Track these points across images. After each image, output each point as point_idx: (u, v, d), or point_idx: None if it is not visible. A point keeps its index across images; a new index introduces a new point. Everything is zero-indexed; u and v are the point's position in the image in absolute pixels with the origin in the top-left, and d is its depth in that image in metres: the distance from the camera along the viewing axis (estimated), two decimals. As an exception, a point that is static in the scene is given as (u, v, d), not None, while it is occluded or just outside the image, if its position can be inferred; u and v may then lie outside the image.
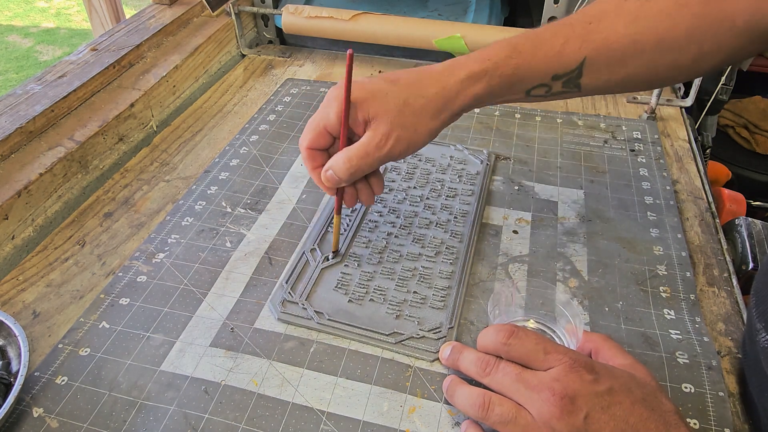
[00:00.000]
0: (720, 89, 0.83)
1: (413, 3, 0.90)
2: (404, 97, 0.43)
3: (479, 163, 0.62)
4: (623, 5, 0.43)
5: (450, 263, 0.50)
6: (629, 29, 0.42)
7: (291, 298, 0.47)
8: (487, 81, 0.43)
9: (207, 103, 0.76)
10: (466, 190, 0.58)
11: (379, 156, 0.44)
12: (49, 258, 0.53)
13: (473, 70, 0.43)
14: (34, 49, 2.93)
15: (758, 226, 0.56)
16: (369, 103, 0.43)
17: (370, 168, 0.45)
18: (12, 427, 0.39)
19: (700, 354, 0.43)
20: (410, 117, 0.43)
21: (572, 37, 0.43)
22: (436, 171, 0.61)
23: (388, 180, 0.60)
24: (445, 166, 0.62)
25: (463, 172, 0.61)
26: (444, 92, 0.43)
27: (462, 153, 0.64)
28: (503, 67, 0.43)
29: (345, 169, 0.44)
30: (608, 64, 0.43)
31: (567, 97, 0.46)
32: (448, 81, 0.44)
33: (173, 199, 0.59)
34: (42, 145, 0.58)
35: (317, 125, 0.46)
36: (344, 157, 0.44)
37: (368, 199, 0.49)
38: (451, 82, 0.43)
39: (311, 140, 0.46)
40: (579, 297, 0.47)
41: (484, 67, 0.43)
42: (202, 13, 0.84)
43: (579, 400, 0.32)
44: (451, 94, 0.43)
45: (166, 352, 0.43)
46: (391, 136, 0.43)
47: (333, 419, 0.39)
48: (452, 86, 0.43)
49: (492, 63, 0.43)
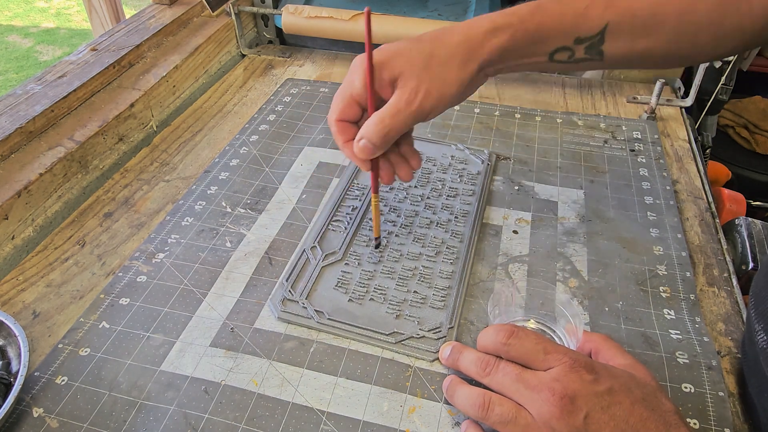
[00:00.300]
0: (720, 89, 0.83)
1: (413, 3, 0.90)
2: (429, 50, 0.42)
3: (480, 163, 0.62)
4: None
5: (450, 263, 0.50)
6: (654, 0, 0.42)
7: (291, 296, 0.47)
8: (511, 33, 0.43)
9: (207, 103, 0.76)
10: (467, 190, 0.58)
11: (411, 111, 0.42)
12: (49, 258, 0.53)
13: (497, 22, 0.43)
14: (34, 49, 2.93)
15: (758, 226, 0.56)
16: (393, 61, 0.42)
17: (404, 127, 0.43)
18: (12, 427, 0.39)
19: (700, 354, 0.43)
20: (437, 68, 0.42)
21: (596, 1, 0.43)
22: (437, 170, 0.61)
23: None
24: (446, 165, 0.62)
25: (464, 172, 0.61)
26: (469, 41, 0.43)
27: (463, 153, 0.64)
28: (527, 22, 0.43)
29: (377, 132, 0.42)
30: (630, 33, 0.43)
31: (589, 67, 0.46)
32: (472, 31, 0.43)
33: (173, 199, 0.59)
34: (42, 145, 0.58)
35: (344, 95, 0.44)
36: (375, 120, 0.42)
37: (406, 174, 0.48)
38: (475, 32, 0.43)
39: (340, 111, 0.44)
40: (579, 297, 0.47)
41: (509, 21, 0.43)
42: (202, 13, 0.84)
43: (579, 400, 0.32)
44: (476, 43, 0.43)
45: (166, 352, 0.43)
46: (420, 89, 0.42)
47: (333, 419, 0.39)
48: (476, 36, 0.43)
49: (516, 17, 0.43)
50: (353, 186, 0.59)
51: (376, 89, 0.43)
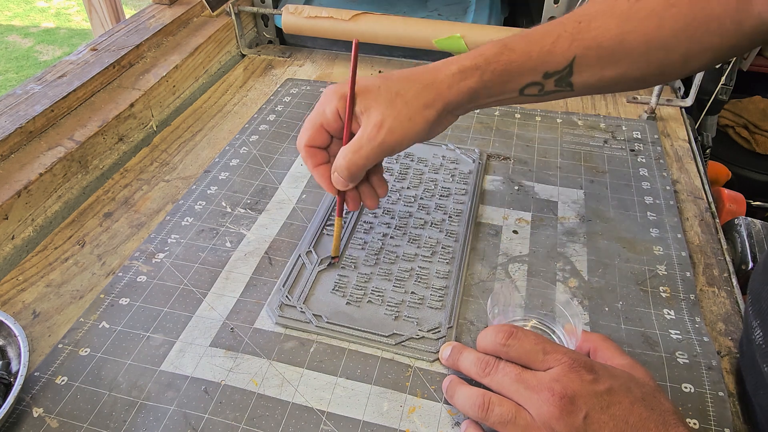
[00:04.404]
0: (720, 89, 0.83)
1: (413, 3, 0.90)
2: (396, 89, 0.43)
3: (471, 162, 0.62)
4: (615, 5, 0.43)
5: (446, 263, 0.50)
6: (620, 29, 0.42)
7: (288, 301, 0.47)
8: (479, 75, 0.43)
9: (207, 103, 0.76)
10: (459, 189, 0.58)
11: (373, 147, 0.43)
12: (49, 258, 0.53)
13: (465, 65, 0.43)
14: (34, 49, 2.93)
15: (758, 226, 0.56)
16: (362, 97, 0.43)
17: (368, 161, 0.44)
18: (12, 427, 0.39)
19: (700, 354, 0.43)
20: (402, 106, 0.43)
21: (563, 36, 0.43)
22: (429, 171, 0.61)
23: (384, 180, 0.60)
24: (438, 165, 0.62)
25: (455, 171, 0.61)
26: (436, 83, 0.43)
27: (454, 152, 0.64)
28: (495, 63, 0.43)
29: (344, 167, 0.44)
30: (599, 63, 0.43)
31: (561, 96, 0.46)
32: (440, 73, 0.44)
33: (173, 199, 0.59)
34: (42, 145, 0.58)
35: (314, 123, 0.46)
36: (341, 155, 0.44)
37: (372, 202, 0.49)
38: (443, 75, 0.44)
39: (309, 138, 0.46)
40: (579, 297, 0.47)
41: (476, 63, 0.43)
42: (202, 13, 0.84)
43: (578, 401, 0.32)
44: (443, 85, 0.43)
45: (166, 352, 0.43)
46: (383, 125, 0.43)
47: (333, 419, 0.39)
48: (444, 78, 0.43)
49: (483, 59, 0.43)
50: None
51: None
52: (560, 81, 0.44)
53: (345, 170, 0.44)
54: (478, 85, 0.43)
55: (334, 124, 0.45)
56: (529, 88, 0.45)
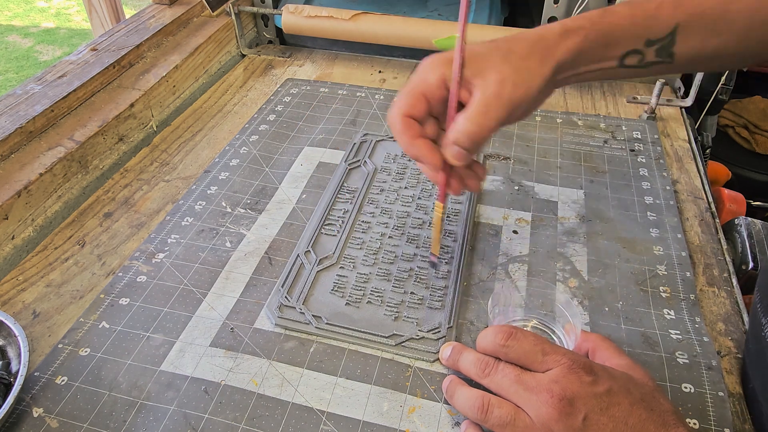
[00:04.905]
0: (720, 89, 0.83)
1: (413, 3, 0.90)
2: (506, 47, 0.41)
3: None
4: None
5: (445, 262, 0.50)
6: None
7: (288, 302, 0.47)
8: (583, 35, 0.42)
9: (207, 103, 0.76)
10: (457, 189, 0.58)
11: (502, 103, 0.40)
12: (49, 258, 0.53)
13: (568, 25, 0.42)
14: (34, 49, 2.93)
15: (758, 226, 0.56)
16: (470, 61, 0.41)
17: (497, 124, 0.40)
18: (12, 427, 0.39)
19: (700, 354, 0.43)
20: (519, 61, 0.41)
21: (666, 1, 0.43)
22: None
23: (378, 180, 0.60)
24: (437, 165, 0.62)
25: None
26: (544, 40, 0.42)
27: None
28: (598, 24, 0.42)
29: (466, 134, 0.40)
30: (701, 32, 0.43)
31: (660, 71, 0.45)
32: (546, 32, 0.42)
33: (173, 199, 0.59)
34: (42, 145, 0.58)
35: (414, 91, 0.42)
36: (461, 123, 0.40)
37: (475, 184, 0.46)
38: (549, 33, 0.42)
39: (408, 105, 0.41)
40: (579, 297, 0.47)
41: (580, 23, 0.42)
42: (202, 13, 0.84)
43: (578, 402, 0.32)
44: (551, 42, 0.42)
45: (166, 352, 0.43)
46: (506, 80, 0.40)
47: (333, 419, 0.39)
48: (551, 36, 0.42)
49: (587, 20, 0.42)
50: (343, 189, 0.59)
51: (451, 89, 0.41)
52: (661, 50, 0.43)
53: (467, 138, 0.40)
54: (582, 45, 0.42)
55: (438, 92, 0.41)
56: (629, 57, 0.43)
